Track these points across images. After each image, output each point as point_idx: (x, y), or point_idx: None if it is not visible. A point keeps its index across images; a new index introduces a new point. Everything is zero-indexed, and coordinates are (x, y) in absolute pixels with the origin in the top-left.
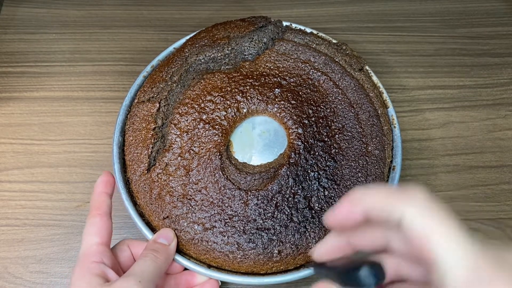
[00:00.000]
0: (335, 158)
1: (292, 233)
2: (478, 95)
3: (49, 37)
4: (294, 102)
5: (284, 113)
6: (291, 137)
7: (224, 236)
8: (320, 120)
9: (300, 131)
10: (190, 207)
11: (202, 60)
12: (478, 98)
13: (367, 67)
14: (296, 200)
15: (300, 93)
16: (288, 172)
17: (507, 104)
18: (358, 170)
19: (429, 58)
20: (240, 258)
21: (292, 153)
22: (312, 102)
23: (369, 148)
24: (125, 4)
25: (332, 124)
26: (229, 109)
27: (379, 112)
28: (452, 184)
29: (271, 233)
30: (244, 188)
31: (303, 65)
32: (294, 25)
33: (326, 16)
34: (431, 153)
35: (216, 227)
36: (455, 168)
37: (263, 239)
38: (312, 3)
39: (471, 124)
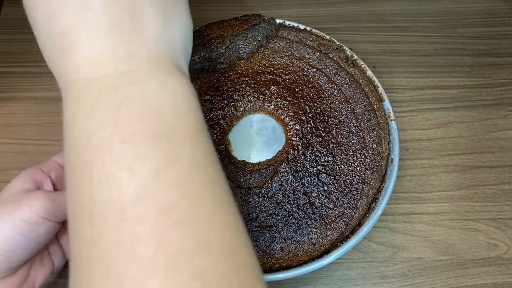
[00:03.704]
0: (334, 153)
1: (294, 229)
2: (478, 95)
3: None
4: (290, 98)
5: (281, 110)
6: (289, 133)
7: None
8: (317, 116)
9: (297, 127)
10: None
11: (197, 60)
12: (478, 98)
13: (361, 62)
14: (296, 196)
15: (296, 89)
16: (288, 169)
17: (507, 104)
18: (356, 164)
19: (429, 58)
20: None
21: (291, 150)
22: (308, 98)
23: (367, 142)
24: None
25: (329, 120)
26: (226, 108)
27: (374, 106)
28: (452, 184)
29: (273, 230)
30: (244, 186)
31: (298, 62)
32: (287, 23)
33: (326, 16)
34: (431, 153)
35: None
36: (455, 168)
37: (265, 236)
38: (312, 3)
39: (471, 124)
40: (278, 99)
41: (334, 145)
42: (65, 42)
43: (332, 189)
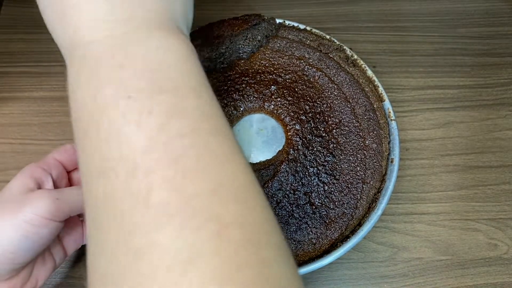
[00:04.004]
0: (334, 153)
1: (294, 229)
2: (479, 95)
3: (49, 37)
4: (290, 98)
5: (281, 110)
6: (289, 133)
7: None
8: (317, 115)
9: (297, 127)
10: None
11: None
12: (478, 98)
13: (362, 62)
14: (296, 196)
15: (296, 89)
16: (288, 169)
17: (507, 104)
18: (356, 164)
19: (429, 58)
20: None
21: (291, 150)
22: (308, 98)
23: (367, 142)
24: None
25: (329, 119)
26: (226, 108)
27: (374, 106)
28: (452, 184)
29: None
30: None
31: (298, 62)
32: (287, 22)
33: (326, 16)
34: (431, 153)
35: None
36: (455, 168)
37: None
38: (312, 3)
39: (471, 124)
40: (278, 99)
41: (334, 145)
42: (65, 7)
43: (332, 189)
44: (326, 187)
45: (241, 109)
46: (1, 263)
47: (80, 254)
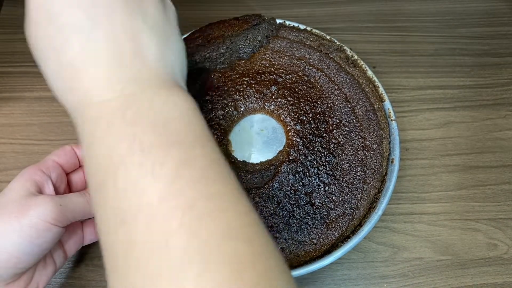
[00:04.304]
0: (334, 153)
1: (295, 229)
2: (478, 95)
3: None
4: (291, 99)
5: (282, 110)
6: (289, 134)
7: None
8: (318, 116)
9: (298, 127)
10: None
11: (198, 60)
12: (478, 98)
13: (362, 62)
14: (297, 196)
15: (297, 89)
16: (288, 169)
17: (507, 104)
18: (357, 164)
19: (429, 58)
20: None
21: (291, 150)
22: (308, 99)
23: (367, 142)
24: None
25: (330, 120)
26: (227, 108)
27: (375, 106)
28: (452, 184)
29: (274, 230)
30: (245, 187)
31: (298, 62)
32: (288, 23)
33: (326, 16)
34: (431, 153)
35: None
36: (455, 168)
37: None
38: (312, 3)
39: (471, 124)
40: (279, 99)
41: (335, 145)
42: (73, 71)
43: (333, 189)
44: (326, 188)
45: (242, 109)
46: (4, 267)
47: (80, 255)
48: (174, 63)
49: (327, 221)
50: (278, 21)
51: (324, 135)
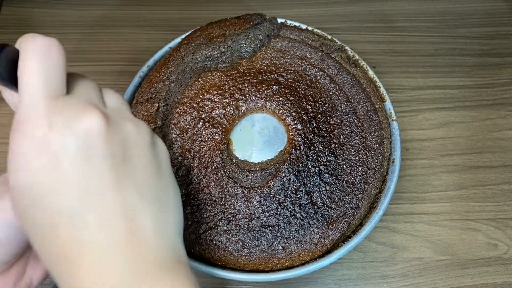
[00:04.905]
0: (335, 153)
1: (296, 229)
2: (478, 95)
3: None
4: (292, 98)
5: (283, 110)
6: (290, 133)
7: (228, 235)
8: (319, 115)
9: (299, 127)
10: (193, 207)
11: (199, 59)
12: (478, 98)
13: (363, 62)
14: (298, 196)
15: (298, 89)
16: (290, 169)
17: (507, 104)
18: (358, 164)
19: (429, 58)
20: (245, 256)
21: (293, 149)
22: (310, 98)
23: (368, 142)
24: (125, 4)
25: (331, 120)
26: (228, 107)
27: (376, 106)
28: (452, 184)
29: (275, 230)
30: (246, 186)
31: (299, 62)
32: (289, 22)
33: (326, 16)
34: (431, 153)
35: (220, 226)
36: (455, 168)
37: (267, 236)
38: (312, 3)
39: (471, 124)
40: (280, 99)
41: (336, 145)
42: (70, 260)
43: (334, 189)
44: (328, 187)
45: (243, 108)
46: None
47: None
48: (173, 229)
49: (328, 221)
50: (279, 20)
51: (326, 135)
